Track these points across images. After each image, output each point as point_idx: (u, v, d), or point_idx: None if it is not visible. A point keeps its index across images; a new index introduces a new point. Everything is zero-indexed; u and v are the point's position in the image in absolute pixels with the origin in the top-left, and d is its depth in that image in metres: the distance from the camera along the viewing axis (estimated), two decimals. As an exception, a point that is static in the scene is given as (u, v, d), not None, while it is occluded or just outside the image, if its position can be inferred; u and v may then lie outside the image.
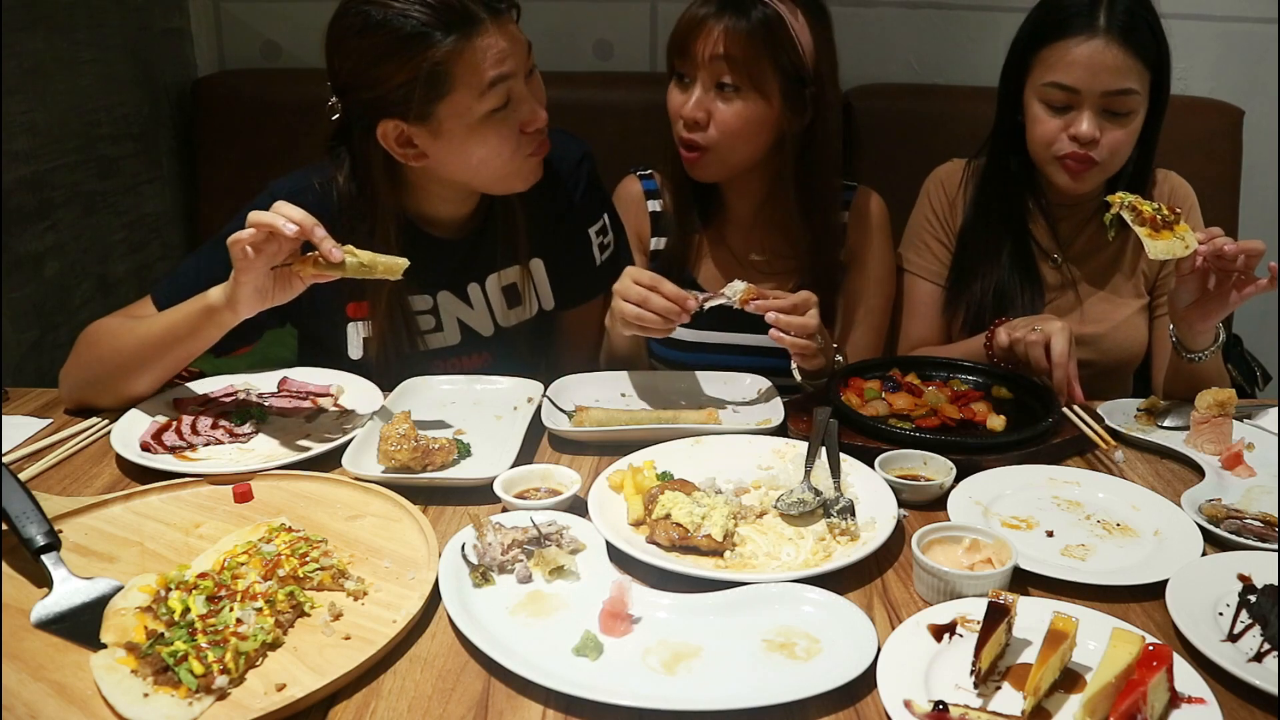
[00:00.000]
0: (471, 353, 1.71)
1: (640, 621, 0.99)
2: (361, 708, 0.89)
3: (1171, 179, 1.78)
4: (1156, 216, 1.43)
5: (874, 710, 0.89)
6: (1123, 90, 1.58)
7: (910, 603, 1.05)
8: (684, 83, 1.68)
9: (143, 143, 2.43)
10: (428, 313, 1.66)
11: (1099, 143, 1.61)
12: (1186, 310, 1.49)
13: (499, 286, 1.68)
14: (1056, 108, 1.63)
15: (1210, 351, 1.52)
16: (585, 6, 2.62)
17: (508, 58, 1.42)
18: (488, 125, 1.44)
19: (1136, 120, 1.62)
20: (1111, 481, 1.30)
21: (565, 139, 1.68)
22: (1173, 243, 1.41)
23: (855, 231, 1.84)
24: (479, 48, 1.39)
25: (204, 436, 1.39)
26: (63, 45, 2.13)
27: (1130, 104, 1.59)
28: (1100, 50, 1.56)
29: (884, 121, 2.48)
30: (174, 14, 2.58)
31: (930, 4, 2.59)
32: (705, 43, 1.61)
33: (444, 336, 1.68)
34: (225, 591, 1.00)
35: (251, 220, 1.28)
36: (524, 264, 1.68)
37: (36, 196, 2.05)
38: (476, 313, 1.69)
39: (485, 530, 1.10)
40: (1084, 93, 1.59)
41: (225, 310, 1.35)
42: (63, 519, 1.16)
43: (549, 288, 1.74)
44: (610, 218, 1.78)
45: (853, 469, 1.29)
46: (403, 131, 1.45)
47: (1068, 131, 1.61)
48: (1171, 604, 1.00)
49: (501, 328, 1.71)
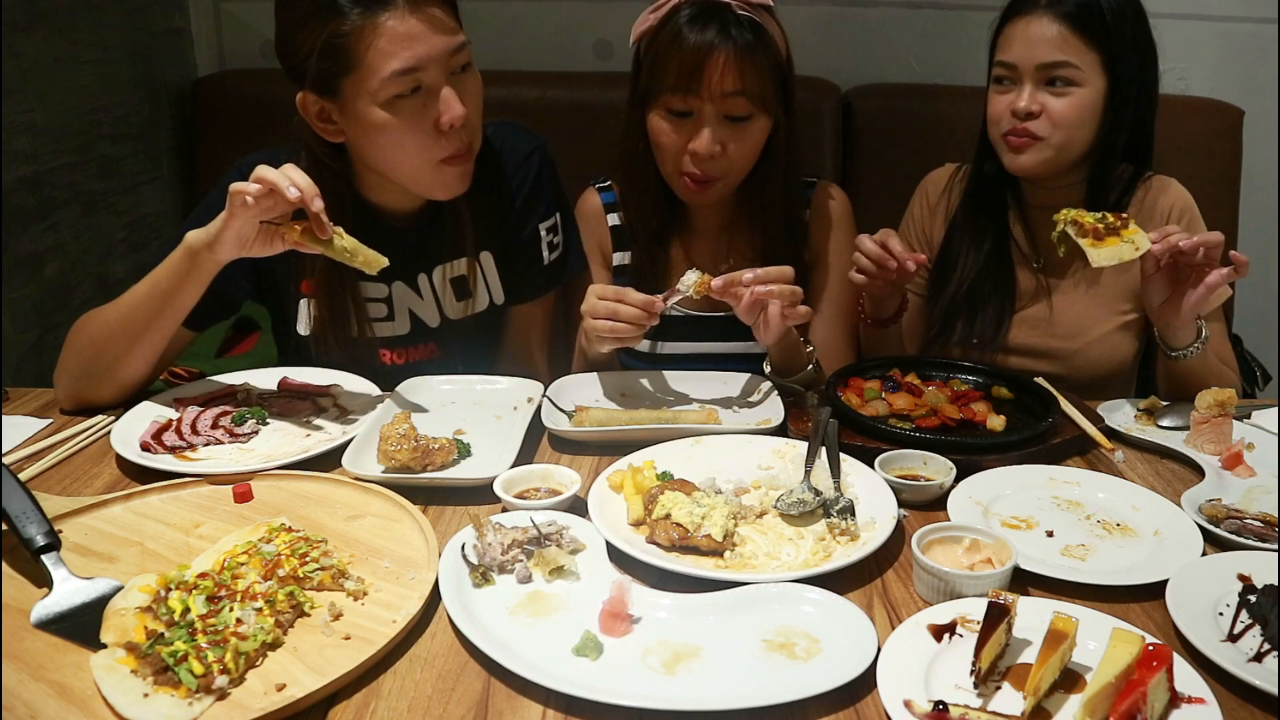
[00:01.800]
0: (419, 343, 1.71)
1: (640, 621, 0.99)
2: (361, 708, 0.89)
3: (1170, 187, 1.75)
4: (1099, 226, 1.45)
5: (874, 710, 0.89)
6: (1058, 62, 1.58)
7: (910, 603, 1.05)
8: (683, 118, 1.60)
9: (143, 143, 2.43)
10: (381, 301, 1.66)
11: (1039, 117, 1.60)
12: (1160, 309, 1.50)
13: (447, 278, 1.68)
14: (1002, 87, 1.65)
15: (1195, 348, 1.52)
16: (585, 6, 2.62)
17: (419, 44, 1.41)
18: (391, 109, 1.44)
19: (1079, 95, 1.59)
20: (1111, 481, 1.30)
21: (517, 132, 1.69)
22: (1119, 248, 1.42)
23: (818, 228, 1.81)
24: (385, 28, 1.39)
25: (204, 436, 1.39)
26: (63, 45, 2.13)
27: (1069, 76, 1.58)
28: (1038, 25, 1.59)
29: (884, 121, 2.48)
30: (174, 14, 2.58)
31: (930, 4, 2.59)
32: (714, 74, 1.54)
33: (394, 326, 1.69)
34: (225, 591, 1.00)
35: (259, 174, 1.31)
36: (471, 257, 1.68)
37: (36, 196, 2.05)
38: (425, 303, 1.69)
39: (485, 530, 1.10)
40: (1021, 66, 1.60)
41: (205, 251, 1.37)
42: (63, 519, 1.16)
43: (499, 282, 1.73)
44: (563, 218, 1.76)
45: (853, 469, 1.29)
46: (322, 107, 1.48)
47: (1011, 107, 1.62)
48: (1171, 604, 1.00)
49: (449, 319, 1.71)
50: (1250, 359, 2.04)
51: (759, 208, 1.72)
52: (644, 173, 1.71)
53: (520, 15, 2.62)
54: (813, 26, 2.62)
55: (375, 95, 1.42)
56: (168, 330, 1.47)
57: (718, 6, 1.55)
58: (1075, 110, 1.60)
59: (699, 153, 1.60)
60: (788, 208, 1.74)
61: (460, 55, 1.47)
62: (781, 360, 1.62)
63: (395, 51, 1.40)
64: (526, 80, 2.48)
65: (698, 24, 1.55)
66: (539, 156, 1.72)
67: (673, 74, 1.57)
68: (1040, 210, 1.75)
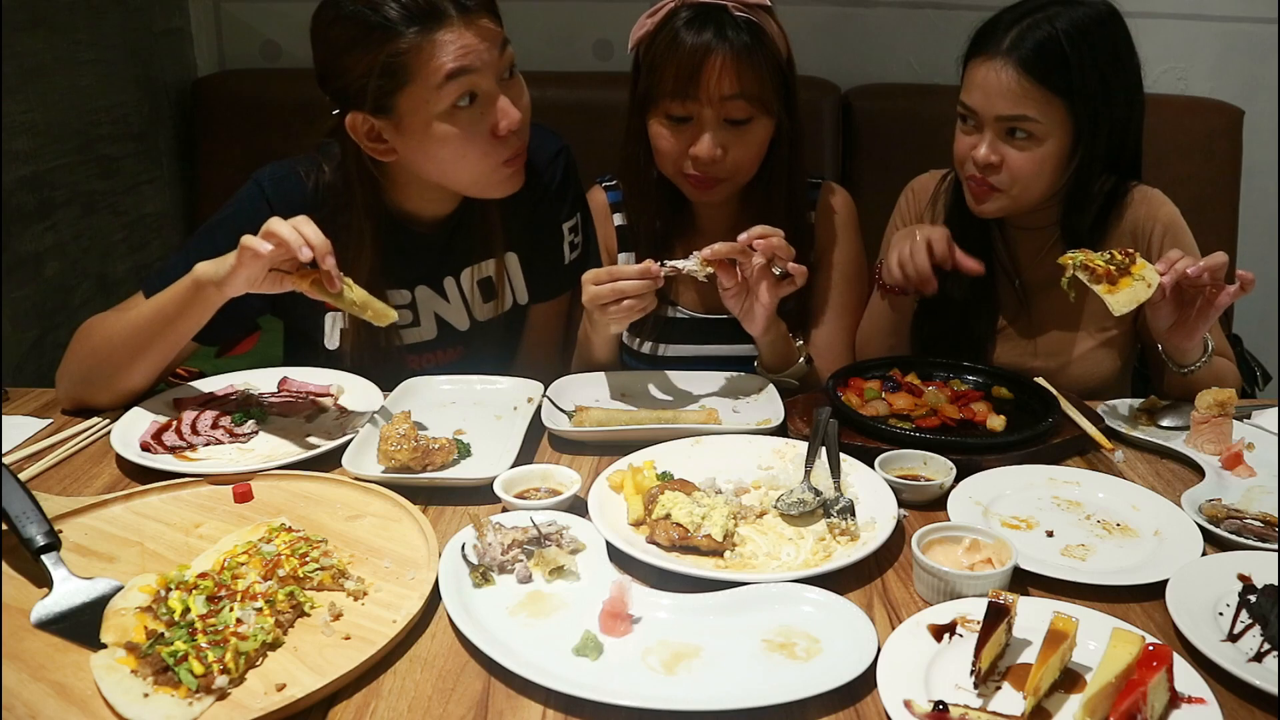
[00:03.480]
0: (447, 347, 1.71)
1: (640, 621, 0.99)
2: (361, 708, 0.89)
3: (1151, 199, 1.67)
4: (1110, 268, 1.39)
5: (874, 710, 0.89)
6: (1017, 116, 1.52)
7: (910, 603, 1.05)
8: (683, 124, 1.59)
9: (143, 143, 2.43)
10: (405, 307, 1.66)
11: (998, 169, 1.56)
12: (1168, 333, 1.47)
13: (474, 280, 1.68)
14: (966, 126, 1.60)
15: (1202, 362, 1.50)
16: (585, 6, 2.63)
17: (471, 53, 1.41)
18: (451, 122, 1.43)
19: (1042, 150, 1.54)
20: (1111, 481, 1.30)
21: (542, 133, 1.68)
22: (1134, 288, 1.37)
23: (823, 229, 1.80)
24: (440, 41, 1.39)
25: (204, 436, 1.39)
26: (63, 45, 2.13)
27: (1030, 130, 1.53)
28: (996, 73, 1.51)
29: (884, 121, 2.48)
30: (174, 14, 2.58)
31: (930, 4, 2.60)
32: (711, 78, 1.53)
33: (420, 331, 1.69)
34: (225, 591, 1.00)
35: (271, 229, 1.29)
36: (499, 257, 1.68)
37: (36, 196, 2.06)
38: (453, 307, 1.69)
39: (485, 530, 1.10)
40: (981, 114, 1.55)
41: (212, 288, 1.36)
42: (63, 519, 1.16)
43: (523, 281, 1.74)
44: (584, 219, 1.77)
45: (853, 469, 1.29)
46: (372, 126, 1.46)
47: (972, 154, 1.58)
48: (1171, 604, 1.00)
49: (477, 322, 1.71)
50: (1250, 359, 2.04)
51: (764, 209, 1.70)
52: (645, 178, 1.71)
53: (520, 15, 2.62)
54: (813, 26, 2.62)
55: (434, 108, 1.42)
56: (170, 350, 1.47)
57: (714, 8, 1.55)
58: (1034, 164, 1.55)
59: (700, 157, 1.59)
60: (793, 209, 1.73)
61: (506, 60, 1.47)
62: (770, 354, 1.62)
63: (451, 61, 1.40)
64: (526, 80, 2.48)
65: (694, 27, 1.54)
66: (565, 157, 1.72)
67: (670, 79, 1.56)
68: (1019, 230, 1.72)
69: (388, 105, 1.43)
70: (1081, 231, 1.63)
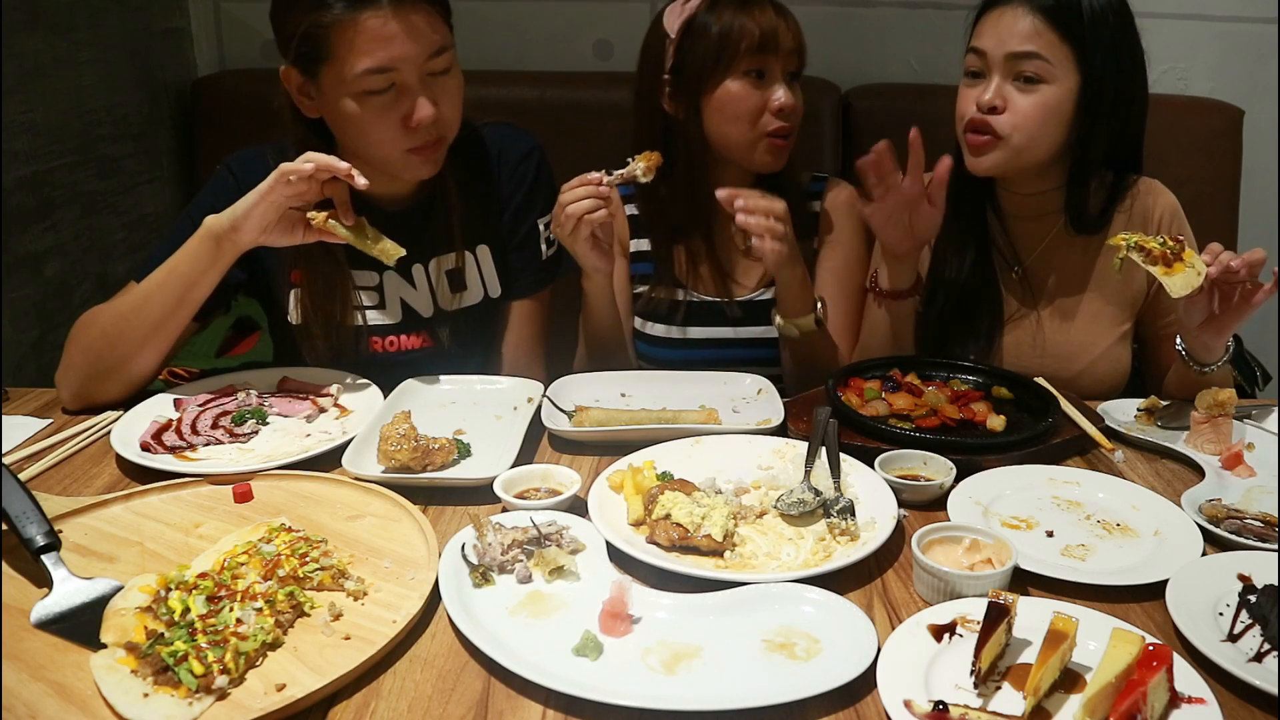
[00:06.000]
0: (410, 332, 1.72)
1: (640, 621, 0.99)
2: (361, 708, 0.89)
3: (1155, 190, 1.69)
4: (1166, 251, 1.37)
5: (874, 710, 0.89)
6: (1028, 53, 1.54)
7: (910, 603, 1.05)
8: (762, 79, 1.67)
9: (142, 143, 2.43)
10: (372, 289, 1.68)
11: (1002, 113, 1.56)
12: (1200, 328, 1.45)
13: (442, 270, 1.71)
14: (971, 80, 1.62)
15: (1223, 362, 1.50)
16: (585, 6, 2.62)
17: (394, 46, 1.43)
18: (360, 104, 1.47)
19: (1046, 94, 1.55)
20: (1111, 481, 1.30)
21: (513, 132, 1.74)
22: (1188, 274, 1.36)
23: (827, 220, 1.84)
24: (363, 26, 1.42)
25: (204, 436, 1.39)
26: (63, 45, 2.13)
27: (1038, 71, 1.54)
28: (1012, 15, 1.56)
29: (884, 121, 2.47)
30: (174, 14, 2.58)
31: (930, 4, 2.59)
32: (783, 31, 1.66)
33: (385, 315, 1.70)
34: (225, 591, 1.00)
35: (308, 156, 1.38)
36: (461, 250, 1.70)
37: (36, 196, 2.05)
38: (419, 294, 1.71)
39: (485, 530, 1.10)
40: (990, 54, 1.56)
41: (228, 234, 1.43)
42: (63, 519, 1.16)
43: (495, 275, 1.75)
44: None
45: (853, 469, 1.29)
46: (303, 82, 1.51)
47: (976, 99, 1.59)
48: (1171, 604, 1.00)
49: (442, 310, 1.72)
50: (1250, 359, 2.03)
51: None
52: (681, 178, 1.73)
53: (520, 15, 2.63)
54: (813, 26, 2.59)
55: (348, 87, 1.46)
56: (183, 319, 1.50)
57: None
58: (1040, 109, 1.55)
59: (785, 106, 1.67)
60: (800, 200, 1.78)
61: (439, 60, 1.49)
62: (785, 293, 1.66)
63: (370, 50, 1.42)
64: (526, 80, 2.48)
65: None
66: (538, 155, 1.76)
67: (755, 34, 1.64)
68: (1018, 220, 1.72)
69: (311, 71, 1.48)
70: (1088, 219, 1.64)
